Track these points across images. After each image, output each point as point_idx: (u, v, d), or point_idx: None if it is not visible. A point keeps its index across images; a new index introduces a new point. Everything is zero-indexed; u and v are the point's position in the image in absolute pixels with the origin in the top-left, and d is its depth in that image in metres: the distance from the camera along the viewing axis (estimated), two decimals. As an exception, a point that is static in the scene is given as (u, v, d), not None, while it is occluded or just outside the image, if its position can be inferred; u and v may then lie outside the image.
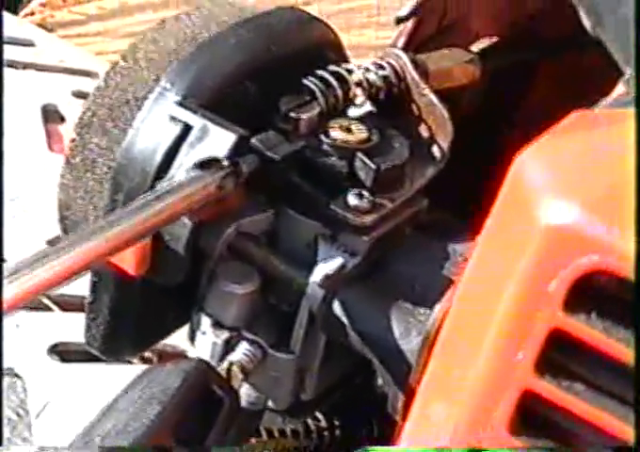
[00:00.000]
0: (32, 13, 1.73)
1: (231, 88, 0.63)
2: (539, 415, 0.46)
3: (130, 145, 0.62)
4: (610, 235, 0.42)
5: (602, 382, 0.43)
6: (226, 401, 0.56)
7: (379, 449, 0.59)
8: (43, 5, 1.72)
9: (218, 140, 0.59)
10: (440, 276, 0.62)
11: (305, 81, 0.66)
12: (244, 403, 0.67)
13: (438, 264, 0.63)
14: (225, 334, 0.64)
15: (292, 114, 0.64)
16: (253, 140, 0.61)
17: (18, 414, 0.95)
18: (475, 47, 0.82)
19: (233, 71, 0.63)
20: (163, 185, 0.58)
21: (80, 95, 1.47)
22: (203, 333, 0.64)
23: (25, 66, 1.50)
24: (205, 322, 0.65)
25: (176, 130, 0.60)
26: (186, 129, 0.60)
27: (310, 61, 0.67)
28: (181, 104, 0.61)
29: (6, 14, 1.64)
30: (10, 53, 1.52)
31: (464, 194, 0.75)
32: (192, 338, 0.66)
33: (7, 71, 1.48)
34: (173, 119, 0.61)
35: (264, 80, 0.64)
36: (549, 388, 0.44)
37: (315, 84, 0.65)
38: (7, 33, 1.57)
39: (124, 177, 0.61)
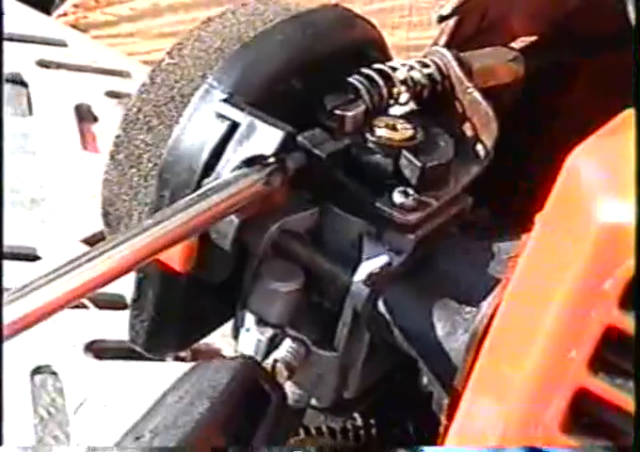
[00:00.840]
0: (65, 14, 1.73)
1: (276, 86, 0.63)
2: (593, 414, 0.45)
3: (176, 142, 0.62)
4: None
5: (656, 381, 0.43)
6: (274, 398, 0.56)
7: (431, 449, 0.59)
8: (76, 6, 1.73)
9: (266, 137, 0.59)
10: (486, 275, 0.62)
11: (350, 79, 0.66)
12: (288, 401, 0.67)
13: (483, 262, 0.63)
14: (269, 332, 0.64)
15: (337, 111, 0.64)
16: (299, 138, 0.61)
17: (49, 413, 0.95)
18: (515, 46, 0.82)
19: (279, 68, 0.63)
20: (210, 183, 0.59)
21: (113, 95, 1.47)
22: (247, 330, 0.65)
23: (58, 66, 1.51)
24: (249, 319, 0.65)
25: (223, 127, 0.60)
26: (233, 126, 0.60)
27: (354, 59, 0.67)
28: (227, 101, 0.61)
29: (39, 15, 1.65)
30: (44, 53, 1.53)
31: (503, 192, 0.75)
32: (236, 335, 0.66)
33: (40, 71, 1.48)
34: (220, 116, 0.61)
35: (309, 77, 0.64)
36: (602, 386, 0.44)
37: (360, 81, 0.65)
38: (40, 33, 1.58)
39: (171, 173, 0.61)
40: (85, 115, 1.40)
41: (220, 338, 0.99)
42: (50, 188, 1.22)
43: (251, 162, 0.58)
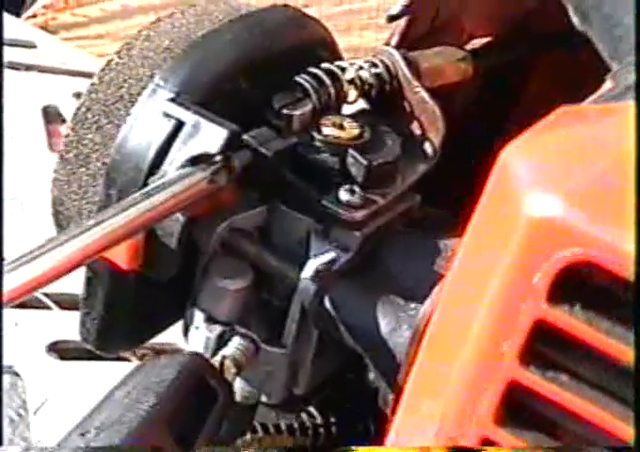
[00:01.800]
0: (34, 16, 1.74)
1: (224, 85, 0.63)
2: (525, 407, 0.46)
3: (123, 141, 0.62)
4: (592, 228, 0.42)
5: (586, 373, 0.44)
6: (220, 394, 0.56)
7: (363, 449, 0.59)
8: (46, 7, 1.73)
9: (210, 136, 0.60)
10: (432, 271, 0.62)
11: (298, 78, 0.66)
12: (238, 397, 0.67)
13: (429, 259, 0.63)
14: (218, 329, 0.64)
15: (285, 110, 0.64)
16: (246, 136, 0.62)
17: (19, 414, 0.96)
18: (469, 46, 0.83)
19: (227, 67, 0.64)
20: (155, 182, 0.59)
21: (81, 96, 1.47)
22: (197, 328, 0.65)
23: (27, 68, 1.51)
24: (199, 317, 0.65)
25: (169, 126, 0.61)
26: (179, 125, 0.61)
27: (303, 59, 0.68)
28: (174, 100, 0.61)
29: (8, 16, 1.65)
30: (12, 54, 1.53)
31: (461, 192, 0.75)
32: (186, 333, 0.67)
33: (8, 72, 1.49)
34: (166, 115, 0.61)
35: (257, 77, 0.65)
36: (533, 379, 0.45)
37: (308, 81, 0.66)
38: (9, 35, 1.58)
39: (118, 172, 0.62)
40: (52, 116, 1.41)
41: (181, 337, 1.00)
42: (17, 189, 1.23)
43: (196, 160, 0.59)
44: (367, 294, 0.63)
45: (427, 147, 0.68)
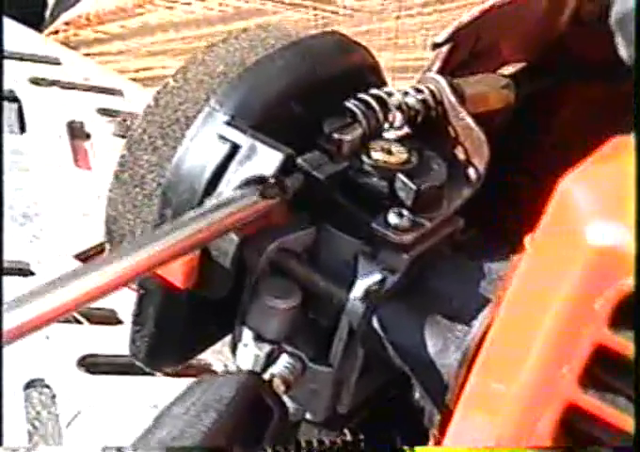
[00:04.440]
0: (56, 32, 1.75)
1: (277, 109, 0.65)
2: (582, 429, 0.47)
3: (180, 162, 0.64)
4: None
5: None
6: (276, 411, 0.58)
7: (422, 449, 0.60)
8: (67, 23, 1.75)
9: (266, 159, 0.61)
10: (477, 294, 0.64)
11: (347, 103, 0.68)
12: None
13: (474, 282, 0.65)
14: (267, 347, 0.66)
15: (335, 135, 0.66)
16: (299, 160, 0.63)
17: (34, 426, 0.97)
18: (506, 71, 0.84)
19: (279, 92, 0.65)
20: (210, 202, 0.61)
21: (105, 112, 1.49)
22: (245, 345, 0.66)
23: (51, 83, 1.53)
24: (247, 335, 0.66)
25: (225, 149, 0.62)
26: (235, 148, 0.62)
27: (352, 84, 0.70)
28: (229, 123, 0.63)
29: (31, 32, 1.67)
30: (36, 70, 1.55)
31: (492, 214, 0.77)
32: (234, 350, 0.68)
33: (32, 88, 1.50)
34: (222, 138, 0.63)
35: (308, 102, 0.67)
36: (592, 402, 0.46)
37: (357, 106, 0.68)
38: (32, 51, 1.60)
39: (173, 193, 0.63)
40: (77, 132, 1.42)
41: (210, 354, 1.01)
42: (43, 205, 1.24)
43: (252, 182, 0.60)
44: (414, 315, 0.64)
45: (471, 172, 0.70)
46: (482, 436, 0.52)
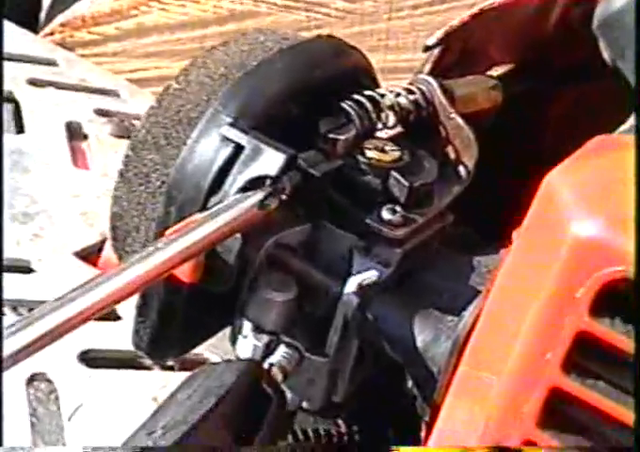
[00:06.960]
0: (52, 33, 1.77)
1: (276, 111, 0.68)
2: (565, 412, 0.50)
3: (184, 161, 0.66)
4: (632, 248, 0.46)
5: (623, 381, 0.48)
6: (274, 399, 0.60)
7: (408, 449, 0.63)
8: (63, 25, 1.76)
9: (270, 160, 0.64)
10: (467, 286, 0.67)
11: (342, 104, 0.71)
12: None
13: (464, 275, 0.67)
14: (265, 338, 0.68)
15: (330, 135, 0.69)
16: (298, 159, 0.66)
17: (36, 419, 0.99)
18: (493, 72, 0.87)
19: (279, 94, 0.68)
20: (217, 205, 0.63)
21: (102, 113, 1.50)
22: (245, 337, 0.69)
23: (48, 84, 1.54)
24: (246, 326, 0.69)
25: (228, 149, 0.65)
26: (238, 149, 0.65)
27: (347, 85, 0.72)
28: (233, 125, 0.66)
29: (28, 33, 1.68)
30: (33, 71, 1.56)
31: (483, 211, 0.80)
32: (233, 341, 0.71)
33: (30, 89, 1.52)
34: (226, 139, 0.65)
35: (305, 103, 0.69)
36: (574, 386, 0.48)
37: (352, 107, 0.70)
38: (29, 52, 1.61)
39: (178, 191, 0.66)
40: (75, 133, 1.44)
41: (207, 348, 1.03)
42: (43, 204, 1.26)
43: (256, 182, 0.63)
44: (407, 307, 0.67)
45: (461, 169, 0.73)
46: (470, 422, 0.55)
